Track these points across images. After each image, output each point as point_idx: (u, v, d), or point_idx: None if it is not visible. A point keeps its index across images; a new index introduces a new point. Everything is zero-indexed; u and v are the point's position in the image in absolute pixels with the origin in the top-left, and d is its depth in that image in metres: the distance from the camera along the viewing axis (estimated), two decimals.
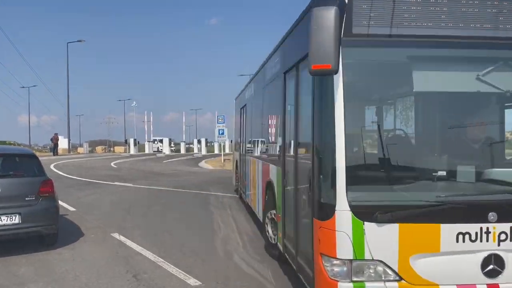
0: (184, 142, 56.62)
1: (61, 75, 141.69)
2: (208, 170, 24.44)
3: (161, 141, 53.62)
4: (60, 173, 20.28)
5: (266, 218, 6.28)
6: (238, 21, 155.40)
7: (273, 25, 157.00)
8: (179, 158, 37.29)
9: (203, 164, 28.93)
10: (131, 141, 50.66)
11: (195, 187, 14.98)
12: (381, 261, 3.41)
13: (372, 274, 3.43)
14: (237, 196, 11.99)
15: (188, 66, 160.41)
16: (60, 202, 8.03)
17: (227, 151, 48.53)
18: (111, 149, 61.08)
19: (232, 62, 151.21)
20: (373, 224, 3.36)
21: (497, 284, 3.44)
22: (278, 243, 5.60)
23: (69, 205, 10.60)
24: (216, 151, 46.10)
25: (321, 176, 3.56)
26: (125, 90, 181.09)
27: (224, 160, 28.67)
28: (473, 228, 3.41)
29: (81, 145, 58.60)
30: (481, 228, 3.41)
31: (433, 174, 3.65)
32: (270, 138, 6.46)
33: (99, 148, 57.86)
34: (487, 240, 3.42)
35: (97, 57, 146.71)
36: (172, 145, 53.31)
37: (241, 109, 11.00)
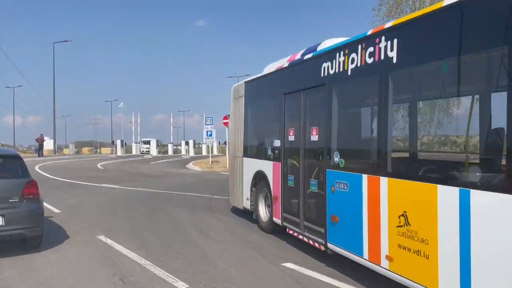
0: (172, 143, 56.27)
1: (47, 75, 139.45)
2: (196, 172, 24.32)
3: (148, 142, 53.23)
4: (45, 174, 19.99)
5: None
6: (225, 22, 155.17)
7: (261, 27, 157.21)
8: (167, 160, 37.05)
9: (191, 165, 28.79)
10: (118, 142, 50.17)
11: (183, 189, 14.88)
12: None
13: None
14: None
15: (176, 67, 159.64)
16: (45, 204, 7.89)
17: (215, 152, 48.43)
18: (98, 150, 60.46)
19: (220, 64, 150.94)
20: None
21: None
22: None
23: (54, 207, 10.45)
24: (204, 153, 45.93)
25: None
26: (112, 91, 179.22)
27: (212, 162, 28.56)
28: None
29: (67, 146, 57.88)
30: None
31: None
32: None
33: (85, 149, 57.23)
34: None
35: (84, 57, 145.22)
36: (148, 149, 51.88)
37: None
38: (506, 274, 3.18)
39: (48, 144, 46.22)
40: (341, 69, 5.47)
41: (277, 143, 7.43)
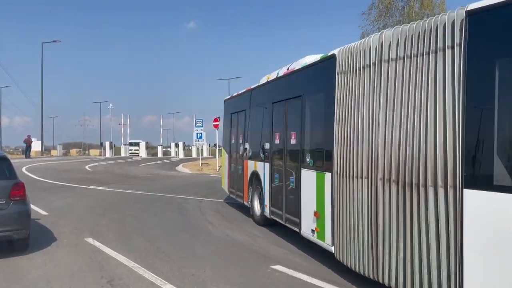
0: (162, 145, 55.98)
1: (36, 76, 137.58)
2: (185, 174, 24.24)
3: (136, 144, 52.87)
4: (33, 176, 19.76)
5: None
6: (216, 24, 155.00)
7: (252, 30, 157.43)
8: (156, 162, 36.85)
9: (180, 168, 28.67)
10: (107, 144, 49.71)
11: (172, 191, 14.81)
12: None
13: None
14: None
15: (166, 69, 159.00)
16: (32, 206, 7.80)
17: (205, 155, 48.32)
18: (86, 152, 59.93)
19: (211, 66, 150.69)
20: None
21: None
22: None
23: (41, 209, 10.33)
24: (194, 155, 45.80)
25: None
26: (101, 92, 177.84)
27: (202, 164, 28.49)
28: None
29: (54, 148, 57.26)
30: None
31: None
32: None
33: (73, 151, 56.68)
34: None
35: (73, 58, 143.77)
36: (137, 151, 51.55)
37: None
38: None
39: (36, 145, 45.68)
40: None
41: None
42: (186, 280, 5.29)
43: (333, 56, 5.60)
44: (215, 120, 25.33)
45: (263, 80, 9.19)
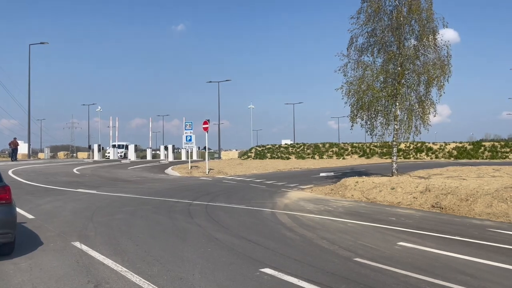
0: (151, 148, 55.65)
1: (23, 78, 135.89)
2: (175, 177, 24.11)
3: (123, 146, 52.49)
4: (19, 179, 19.52)
5: None
6: (205, 27, 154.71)
7: (241, 32, 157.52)
8: (145, 165, 36.63)
9: (169, 171, 28.53)
10: (95, 147, 49.28)
11: (161, 194, 14.73)
12: None
13: None
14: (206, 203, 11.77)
15: (155, 72, 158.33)
16: (18, 210, 7.70)
17: (194, 157, 48.19)
18: (74, 155, 59.33)
19: (200, 69, 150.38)
20: None
21: None
22: None
23: (27, 213, 10.20)
24: (184, 158, 45.62)
25: None
26: (89, 95, 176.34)
27: (192, 167, 28.39)
28: None
29: (42, 151, 56.61)
30: None
31: None
32: None
33: (61, 154, 56.10)
34: None
35: (61, 60, 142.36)
36: (124, 153, 51.52)
37: None
38: None
39: (23, 148, 45.17)
40: None
41: None
42: (174, 284, 5.24)
43: None
44: (205, 123, 25.33)
45: None
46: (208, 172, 25.31)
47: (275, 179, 21.64)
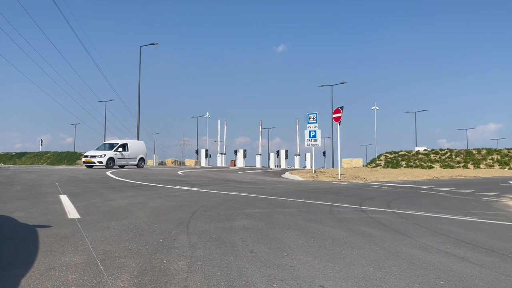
0: (260, 154, 51.35)
1: (133, 85, 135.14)
2: (299, 181, 18.71)
3: (235, 152, 48.80)
4: (112, 176, 15.76)
5: None
6: (305, 46, 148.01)
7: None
8: (255, 171, 32.02)
9: (288, 175, 23.27)
10: (202, 152, 46.28)
11: (295, 195, 9.42)
12: None
13: None
14: None
15: (259, 87, 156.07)
16: (64, 206, 2.87)
17: (308, 166, 42.44)
18: (183, 161, 57.70)
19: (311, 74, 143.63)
20: None
21: None
22: None
23: (76, 210, 5.49)
24: (297, 166, 40.31)
25: None
26: (198, 104, 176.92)
27: (316, 171, 22.76)
28: None
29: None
30: None
31: None
32: None
33: (169, 161, 54.67)
34: None
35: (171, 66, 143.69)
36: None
37: None
38: None
39: None
40: None
41: None
42: None
43: None
44: (337, 111, 19.19)
45: None
46: (340, 177, 19.45)
47: (449, 186, 15.06)
